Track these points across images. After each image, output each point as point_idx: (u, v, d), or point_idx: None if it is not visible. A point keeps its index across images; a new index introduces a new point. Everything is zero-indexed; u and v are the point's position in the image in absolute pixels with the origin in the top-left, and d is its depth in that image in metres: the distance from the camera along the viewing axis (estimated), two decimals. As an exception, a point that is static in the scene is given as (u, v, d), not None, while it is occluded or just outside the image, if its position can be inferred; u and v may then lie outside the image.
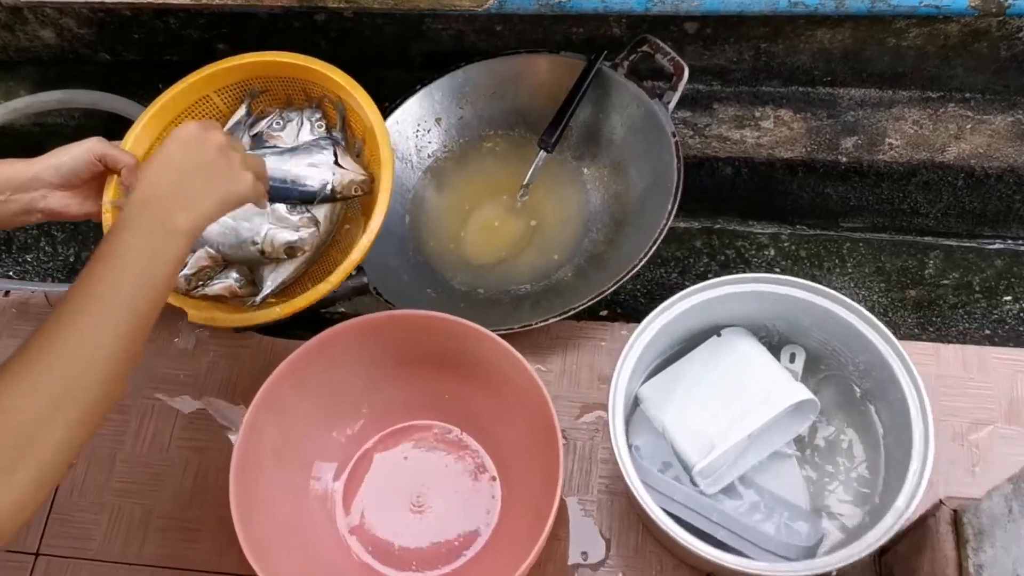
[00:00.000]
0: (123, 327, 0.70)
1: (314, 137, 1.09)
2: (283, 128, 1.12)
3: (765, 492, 1.03)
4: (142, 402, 1.20)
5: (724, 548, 0.91)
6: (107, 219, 0.97)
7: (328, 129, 1.11)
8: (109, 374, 0.69)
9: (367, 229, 1.01)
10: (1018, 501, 0.74)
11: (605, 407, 0.98)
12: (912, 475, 0.88)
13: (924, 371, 1.10)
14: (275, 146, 1.09)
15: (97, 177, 0.95)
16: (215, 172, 0.83)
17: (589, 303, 1.10)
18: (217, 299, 1.05)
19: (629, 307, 1.36)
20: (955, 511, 0.86)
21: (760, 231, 1.42)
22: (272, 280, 1.06)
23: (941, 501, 0.87)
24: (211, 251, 1.05)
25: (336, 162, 1.04)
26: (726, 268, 1.43)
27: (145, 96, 1.16)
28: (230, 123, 1.12)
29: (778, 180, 1.35)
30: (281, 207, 1.04)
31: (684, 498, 0.97)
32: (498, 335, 1.02)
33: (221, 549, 1.09)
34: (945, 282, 1.27)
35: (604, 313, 1.34)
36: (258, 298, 1.05)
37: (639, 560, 1.06)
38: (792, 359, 1.06)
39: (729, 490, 1.02)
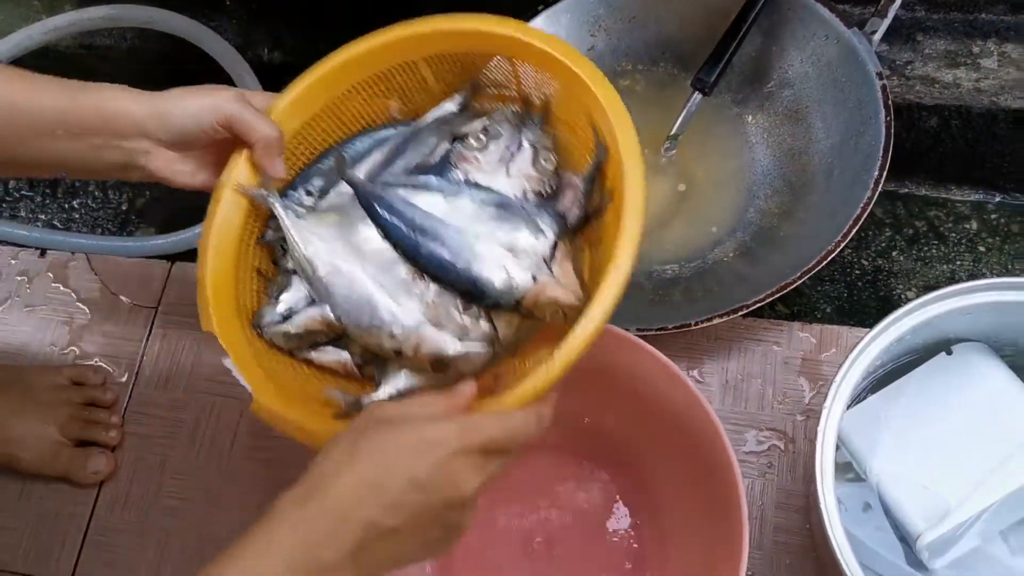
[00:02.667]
0: None
1: (531, 185, 0.70)
2: (484, 147, 0.72)
3: (1001, 566, 0.76)
4: (199, 399, 0.98)
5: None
6: (220, 207, 0.70)
7: (557, 173, 0.71)
8: None
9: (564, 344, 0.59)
10: None
11: (781, 432, 0.78)
12: None
13: None
14: (456, 178, 0.71)
15: (220, 144, 0.69)
16: (431, 539, 0.53)
17: (769, 298, 0.84)
18: (322, 369, 0.72)
19: (788, 298, 1.10)
20: None
21: (960, 198, 1.15)
22: (394, 385, 0.69)
23: None
24: (331, 317, 0.69)
25: (549, 262, 0.66)
26: (914, 244, 1.17)
27: (211, 16, 0.89)
28: (430, 115, 0.76)
29: (998, 136, 1.07)
30: (449, 298, 0.68)
31: (911, 585, 0.71)
32: (641, 336, 0.77)
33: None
34: None
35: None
36: (365, 400, 0.68)
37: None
38: (1050, 387, 0.79)
39: (959, 565, 0.76)
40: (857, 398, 0.82)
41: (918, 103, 1.05)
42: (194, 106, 0.66)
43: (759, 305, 0.85)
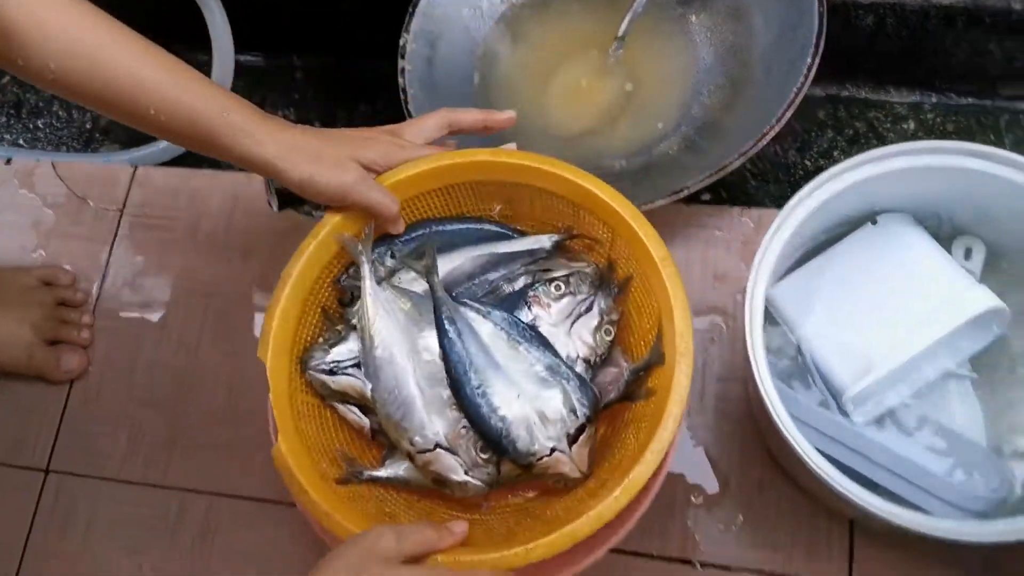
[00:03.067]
0: None
1: (583, 351, 0.78)
2: (560, 298, 0.79)
3: (931, 425, 0.82)
4: (165, 296, 1.02)
5: (884, 495, 0.71)
6: (314, 244, 0.77)
7: (611, 346, 0.79)
8: None
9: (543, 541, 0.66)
10: None
11: (722, 311, 0.82)
12: None
13: None
14: (525, 317, 0.79)
15: None
16: None
17: (710, 179, 0.89)
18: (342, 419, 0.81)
19: (737, 190, 1.14)
20: None
21: (898, 100, 1.20)
22: (394, 471, 0.77)
23: None
24: (368, 395, 0.76)
25: (571, 441, 0.73)
26: (855, 144, 1.22)
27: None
28: (526, 242, 0.82)
29: (930, 33, 1.11)
30: (473, 436, 0.74)
31: (837, 431, 0.76)
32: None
33: (261, 472, 0.92)
34: None
35: (707, 197, 1.13)
36: (366, 473, 0.76)
37: (763, 500, 0.87)
38: (968, 255, 0.84)
39: (883, 421, 0.82)
40: (790, 269, 0.86)
41: (854, 1, 1.09)
42: (321, 184, 0.73)
43: (701, 186, 0.89)
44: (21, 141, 1.30)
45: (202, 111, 0.71)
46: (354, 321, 0.78)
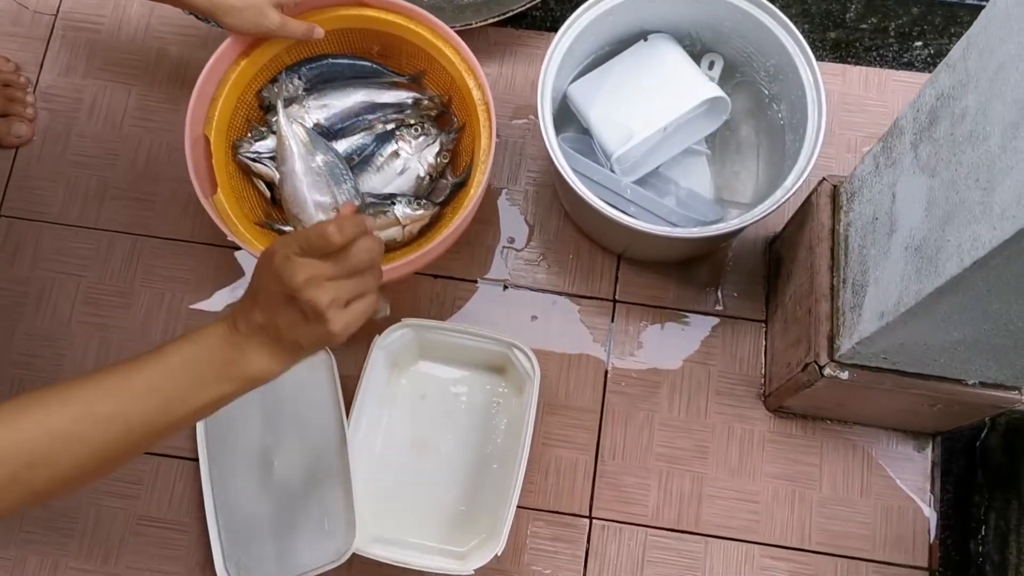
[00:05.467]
0: (133, 428, 0.66)
1: (428, 169, 1.11)
2: (417, 137, 1.12)
3: (675, 184, 1.14)
4: (93, 83, 1.25)
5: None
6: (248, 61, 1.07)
7: (446, 169, 1.14)
8: (91, 462, 0.65)
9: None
10: (884, 156, 0.85)
11: (535, 110, 1.05)
12: (803, 157, 0.99)
13: (830, 88, 1.20)
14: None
15: None
16: (296, 320, 0.68)
17: (527, 5, 1.17)
18: (255, 175, 1.12)
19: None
20: (835, 185, 0.98)
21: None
22: (290, 228, 1.09)
23: (824, 178, 0.99)
24: (275, 179, 1.09)
25: (413, 211, 1.08)
26: None
27: None
28: (393, 95, 1.14)
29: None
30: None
31: (603, 178, 1.07)
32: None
33: (174, 219, 1.19)
34: (864, 26, 1.35)
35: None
36: (275, 226, 1.09)
37: (559, 243, 1.18)
38: (711, 66, 1.15)
39: (644, 183, 1.13)
40: (581, 73, 1.15)
41: None
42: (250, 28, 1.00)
43: (523, 8, 1.17)
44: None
45: None
46: (273, 127, 1.09)
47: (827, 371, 0.91)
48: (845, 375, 0.91)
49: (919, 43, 1.34)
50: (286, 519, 1.04)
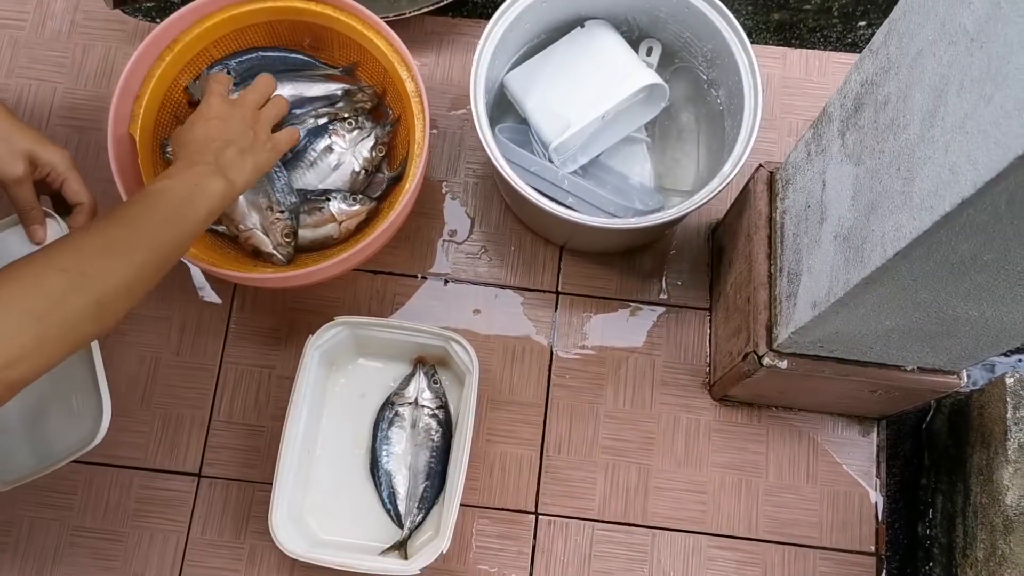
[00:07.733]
0: (139, 258, 0.73)
1: (363, 163, 1.09)
2: (351, 131, 1.09)
3: (615, 173, 1.12)
4: (17, 82, 1.22)
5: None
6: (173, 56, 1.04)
7: (381, 162, 1.11)
8: (113, 294, 0.71)
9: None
10: (815, 143, 0.84)
11: (473, 99, 1.02)
12: (739, 144, 0.98)
13: (770, 72, 1.20)
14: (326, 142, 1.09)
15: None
16: (243, 128, 0.90)
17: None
18: None
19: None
20: (771, 172, 0.96)
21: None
22: (221, 228, 1.06)
23: (761, 165, 0.97)
24: None
25: (349, 207, 1.06)
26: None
27: None
28: (323, 87, 1.11)
29: None
30: (280, 227, 1.04)
31: (540, 169, 1.05)
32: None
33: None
34: (807, 7, 1.33)
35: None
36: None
37: (501, 236, 1.16)
38: (649, 52, 1.13)
39: (583, 172, 1.11)
40: (518, 62, 1.13)
41: None
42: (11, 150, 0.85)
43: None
44: None
45: None
46: None
47: (766, 360, 0.90)
48: (784, 364, 0.90)
49: (863, 23, 1.33)
50: (34, 405, 0.95)
